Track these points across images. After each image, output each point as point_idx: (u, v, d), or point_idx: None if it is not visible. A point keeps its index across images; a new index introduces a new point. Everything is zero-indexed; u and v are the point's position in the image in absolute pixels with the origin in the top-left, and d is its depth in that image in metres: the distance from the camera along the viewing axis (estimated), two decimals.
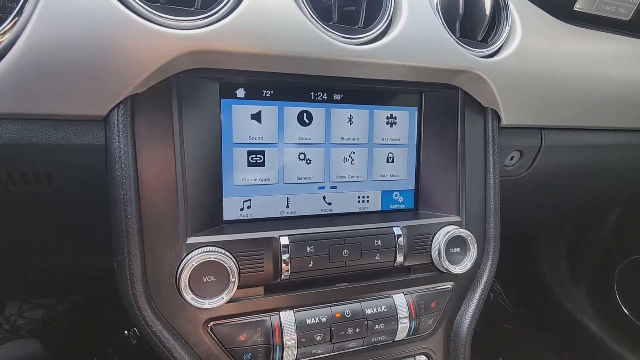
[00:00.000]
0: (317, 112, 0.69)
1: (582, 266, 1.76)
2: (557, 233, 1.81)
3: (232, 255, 0.58)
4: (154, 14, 0.50)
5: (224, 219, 0.65)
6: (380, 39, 0.62)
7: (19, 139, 0.52)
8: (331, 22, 0.60)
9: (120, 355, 1.55)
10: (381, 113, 0.73)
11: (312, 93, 0.68)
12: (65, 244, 0.69)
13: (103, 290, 0.81)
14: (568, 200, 1.19)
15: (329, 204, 0.72)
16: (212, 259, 0.56)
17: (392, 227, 0.69)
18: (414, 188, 0.78)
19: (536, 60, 0.74)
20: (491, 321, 1.95)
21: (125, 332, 1.65)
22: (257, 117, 0.65)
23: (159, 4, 0.52)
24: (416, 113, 0.76)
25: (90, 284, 0.88)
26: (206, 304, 0.56)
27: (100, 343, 1.55)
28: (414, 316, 0.69)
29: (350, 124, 0.71)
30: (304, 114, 0.68)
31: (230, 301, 0.59)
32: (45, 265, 0.78)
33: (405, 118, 0.75)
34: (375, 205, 0.76)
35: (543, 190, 1.01)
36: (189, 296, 0.55)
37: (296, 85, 0.66)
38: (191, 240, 0.57)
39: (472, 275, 0.75)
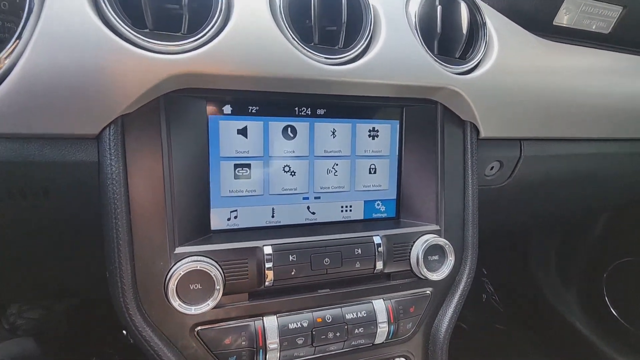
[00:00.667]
0: (301, 126, 0.72)
1: (571, 268, 1.79)
2: (545, 236, 1.84)
3: (218, 264, 0.62)
4: (143, 39, 0.54)
5: (212, 228, 0.69)
6: (360, 58, 0.66)
7: (18, 157, 0.55)
8: (312, 43, 0.64)
9: (120, 354, 1.59)
10: (363, 126, 0.77)
11: (297, 108, 0.72)
12: (62, 253, 0.73)
13: (100, 294, 0.84)
14: (551, 207, 1.22)
15: (313, 213, 0.76)
16: (198, 268, 0.60)
17: (372, 236, 0.72)
18: (395, 197, 0.81)
19: (512, 75, 0.77)
20: (483, 321, 1.99)
21: (124, 331, 1.70)
22: (243, 132, 0.69)
23: (147, 30, 0.55)
24: (397, 126, 0.79)
25: (87, 289, 0.92)
26: (192, 310, 0.60)
27: (99, 342, 1.60)
28: (392, 321, 0.72)
29: (334, 137, 0.75)
30: (289, 128, 0.72)
31: (215, 307, 0.62)
32: (43, 273, 0.81)
33: (387, 131, 0.79)
34: (358, 214, 0.79)
35: (525, 198, 1.05)
36: (176, 303, 0.59)
37: (280, 102, 0.69)
38: (179, 250, 0.61)
39: (450, 281, 0.79)
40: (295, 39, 0.61)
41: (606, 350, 1.65)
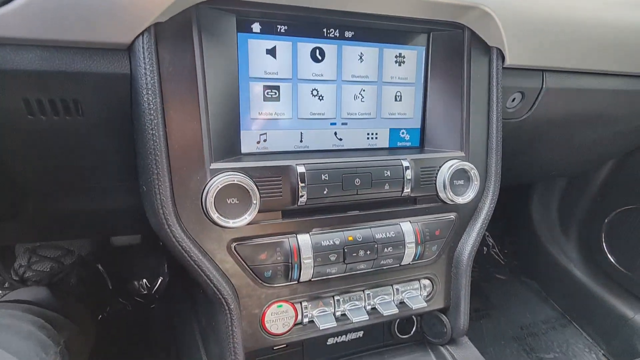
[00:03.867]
0: (330, 48, 0.71)
1: (572, 218, 1.84)
2: (550, 187, 1.87)
3: (253, 181, 0.62)
4: None
5: (242, 151, 0.69)
6: None
7: (48, 66, 0.54)
8: None
9: (133, 304, 1.62)
10: (390, 52, 0.76)
11: (325, 29, 0.70)
12: (94, 175, 0.72)
13: (129, 224, 0.85)
14: (564, 150, 1.24)
15: (340, 139, 0.76)
16: (235, 182, 0.60)
17: (400, 159, 0.73)
18: (420, 127, 0.82)
19: (543, 0, 0.76)
20: (484, 273, 2.06)
21: (135, 282, 1.72)
22: (272, 52, 0.68)
23: None
24: (424, 52, 0.78)
25: (116, 218, 0.92)
26: (230, 223, 0.61)
27: (111, 293, 1.63)
28: (419, 242, 0.74)
29: (361, 61, 0.74)
30: (317, 51, 0.70)
31: (251, 223, 0.63)
32: (67, 204, 0.81)
33: (414, 57, 0.78)
34: (383, 142, 0.80)
35: (542, 137, 1.06)
36: (215, 215, 0.60)
37: (309, 21, 0.68)
38: (215, 165, 0.61)
39: (474, 207, 0.80)
40: None
41: (604, 296, 1.72)
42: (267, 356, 0.75)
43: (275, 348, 0.75)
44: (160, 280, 1.63)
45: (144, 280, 1.63)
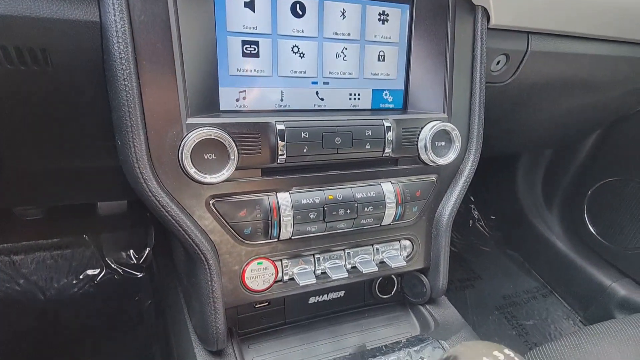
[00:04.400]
0: (311, 3, 0.69)
1: (556, 191, 1.87)
2: (535, 159, 1.89)
3: (231, 137, 0.61)
4: None
5: (221, 108, 0.67)
6: None
7: (12, 10, 0.51)
8: None
9: (121, 273, 1.63)
10: (373, 9, 0.74)
11: None
12: (66, 139, 0.71)
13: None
14: (548, 118, 1.24)
15: (322, 99, 0.75)
16: (212, 137, 0.59)
17: (382, 119, 0.72)
18: (403, 88, 0.81)
19: None
20: (470, 244, 2.10)
21: (123, 253, 1.72)
22: (250, 5, 0.65)
23: None
24: (408, 10, 0.76)
25: (94, 186, 0.91)
26: (208, 178, 0.60)
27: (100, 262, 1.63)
28: (400, 202, 0.74)
29: (343, 18, 0.72)
30: (297, 5, 0.68)
31: (230, 180, 0.63)
32: (45, 164, 0.80)
33: (397, 15, 0.76)
34: (365, 103, 0.79)
35: (526, 103, 1.06)
36: (192, 170, 0.59)
37: None
38: (191, 120, 0.60)
39: (455, 169, 0.81)
40: None
41: (584, 266, 1.77)
42: (249, 314, 0.76)
43: (257, 306, 0.76)
44: (148, 251, 1.63)
45: (131, 250, 1.63)
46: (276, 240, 0.69)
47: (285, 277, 0.71)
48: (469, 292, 1.84)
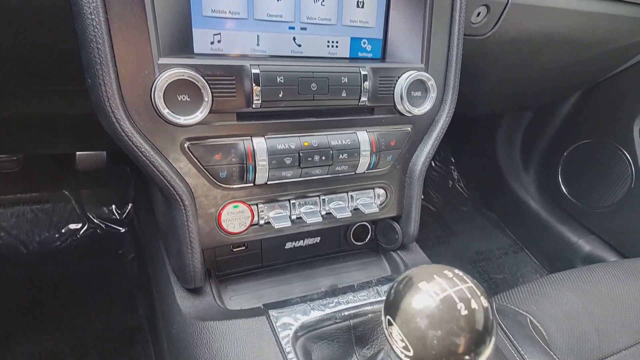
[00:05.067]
0: None
1: (534, 152, 1.92)
2: (515, 121, 1.92)
3: (204, 79, 0.61)
4: None
5: (195, 51, 0.66)
6: None
7: None
8: None
9: (104, 228, 1.64)
10: None
11: None
12: (35, 81, 0.69)
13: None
14: (528, 77, 1.26)
15: (299, 45, 0.74)
16: (185, 77, 0.59)
17: (359, 67, 0.72)
18: (382, 38, 0.80)
19: None
20: (449, 204, 2.17)
21: (105, 208, 1.72)
22: None
23: None
24: None
25: (71, 134, 0.90)
26: (182, 120, 0.60)
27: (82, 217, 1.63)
28: (374, 151, 0.76)
29: None
30: None
31: (205, 123, 0.63)
32: (17, 108, 0.78)
33: None
34: (344, 51, 0.78)
35: (506, 58, 1.06)
36: (165, 111, 0.59)
37: None
38: (163, 61, 0.59)
39: (430, 120, 0.82)
40: None
41: (554, 225, 1.86)
42: (226, 257, 0.78)
43: (234, 250, 0.79)
44: (129, 207, 1.64)
45: (113, 206, 1.64)
46: (252, 184, 0.70)
47: (261, 221, 0.73)
48: (445, 248, 1.92)
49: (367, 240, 0.91)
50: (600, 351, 0.87)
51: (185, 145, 0.64)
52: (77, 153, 1.33)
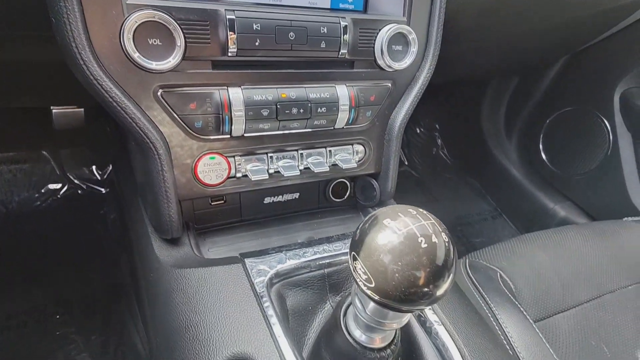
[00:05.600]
0: None
1: (517, 120, 1.94)
2: (501, 88, 1.93)
3: (177, 22, 0.59)
4: None
5: None
6: None
7: None
8: None
9: (85, 189, 1.62)
10: None
11: None
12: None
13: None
14: (514, 38, 1.24)
15: None
16: (155, 19, 0.57)
17: (339, 17, 0.70)
18: None
19: None
20: (432, 171, 2.19)
21: (85, 169, 1.69)
22: None
23: None
24: None
25: (43, 86, 0.87)
26: (154, 65, 0.58)
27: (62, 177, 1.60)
28: (353, 105, 0.76)
29: None
30: None
31: (179, 70, 0.62)
32: None
33: None
34: (324, 2, 0.75)
35: (491, 16, 1.04)
36: (135, 55, 0.57)
37: None
38: (132, 0, 0.56)
39: (411, 76, 0.81)
40: None
41: (533, 192, 1.91)
42: (205, 210, 0.79)
43: (213, 203, 0.79)
44: (110, 168, 1.62)
45: (94, 166, 1.61)
46: (229, 136, 0.69)
47: (239, 174, 0.73)
48: None
49: (346, 197, 0.92)
50: (564, 303, 0.92)
51: (159, 93, 0.62)
52: (54, 111, 1.29)
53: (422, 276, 0.38)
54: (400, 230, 0.38)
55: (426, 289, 0.38)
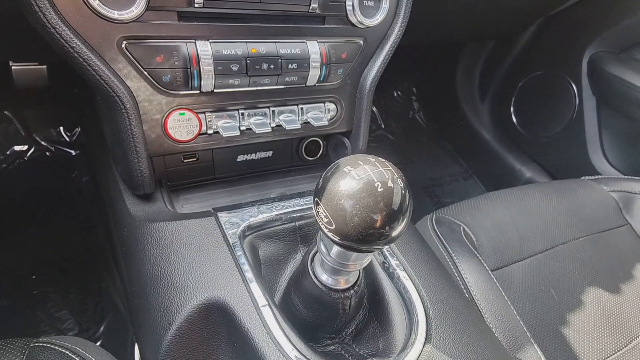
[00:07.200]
0: None
1: (491, 83, 1.97)
2: (476, 51, 1.94)
3: None
4: None
5: None
6: None
7: None
8: None
9: (53, 150, 1.57)
10: None
11: None
12: None
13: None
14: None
15: None
16: None
17: None
18: None
19: None
20: (407, 134, 2.23)
21: (52, 130, 1.63)
22: None
23: None
24: None
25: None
26: (116, 14, 0.57)
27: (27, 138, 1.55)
28: (325, 62, 0.76)
29: None
30: None
31: (143, 21, 0.60)
32: None
33: None
34: None
35: None
36: (95, 2, 0.55)
37: None
38: None
39: (382, 34, 0.81)
40: None
41: (502, 153, 1.98)
42: (177, 167, 0.79)
43: (185, 160, 0.80)
44: (79, 130, 1.57)
45: (61, 127, 1.56)
46: (198, 92, 0.69)
47: (210, 130, 0.73)
48: None
49: (318, 155, 0.94)
50: (520, 254, 1.00)
51: (123, 45, 0.61)
52: (13, 67, 1.23)
53: (379, 219, 0.41)
54: (360, 176, 0.41)
55: (382, 230, 0.41)
